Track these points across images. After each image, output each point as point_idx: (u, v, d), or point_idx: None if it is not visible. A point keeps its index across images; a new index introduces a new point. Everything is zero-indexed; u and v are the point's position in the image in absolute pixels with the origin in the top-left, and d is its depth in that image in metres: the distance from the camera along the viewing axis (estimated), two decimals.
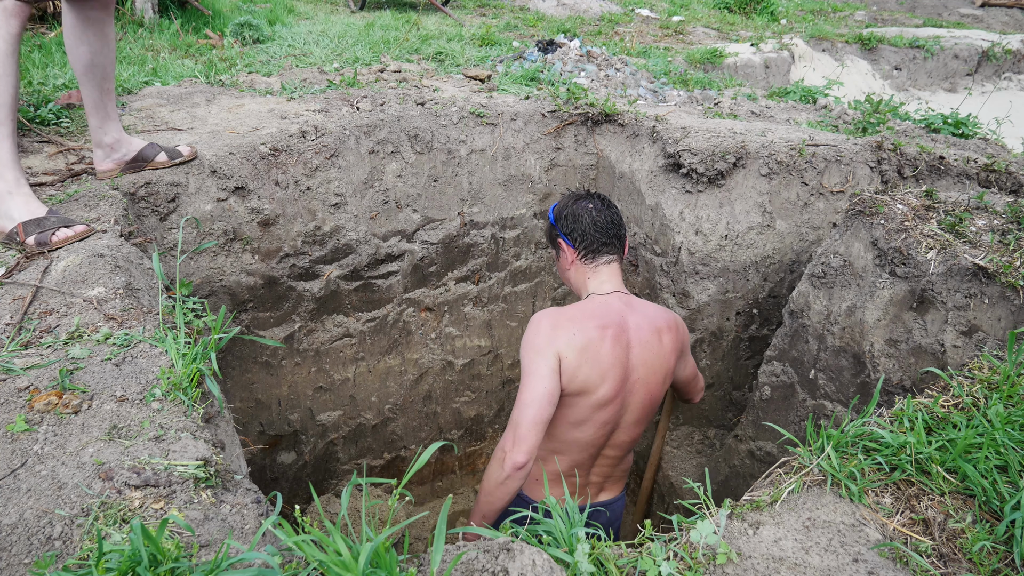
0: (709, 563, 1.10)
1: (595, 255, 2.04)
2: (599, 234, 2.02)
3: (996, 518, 1.20)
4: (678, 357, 2.11)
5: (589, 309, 1.95)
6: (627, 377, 1.95)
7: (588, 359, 1.86)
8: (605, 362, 1.88)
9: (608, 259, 2.06)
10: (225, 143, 2.57)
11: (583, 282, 2.08)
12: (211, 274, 2.52)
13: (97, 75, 2.08)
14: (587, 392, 1.89)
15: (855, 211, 2.13)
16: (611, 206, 2.08)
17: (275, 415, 3.00)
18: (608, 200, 2.10)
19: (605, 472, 2.15)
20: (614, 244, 2.06)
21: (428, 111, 2.99)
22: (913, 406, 1.41)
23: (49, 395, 1.28)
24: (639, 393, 2.00)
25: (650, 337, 1.99)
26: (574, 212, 2.04)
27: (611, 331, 1.91)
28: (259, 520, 1.10)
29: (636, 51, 5.42)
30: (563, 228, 2.06)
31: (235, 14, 5.30)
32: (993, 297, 1.75)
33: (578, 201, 2.07)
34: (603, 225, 2.03)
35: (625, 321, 1.96)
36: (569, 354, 1.85)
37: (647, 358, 1.98)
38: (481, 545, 1.01)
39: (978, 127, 3.44)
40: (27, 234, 1.83)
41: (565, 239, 2.06)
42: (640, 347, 1.97)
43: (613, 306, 1.98)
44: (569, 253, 2.06)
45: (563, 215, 2.06)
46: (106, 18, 2.02)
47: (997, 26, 10.48)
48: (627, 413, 2.02)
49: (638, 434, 2.12)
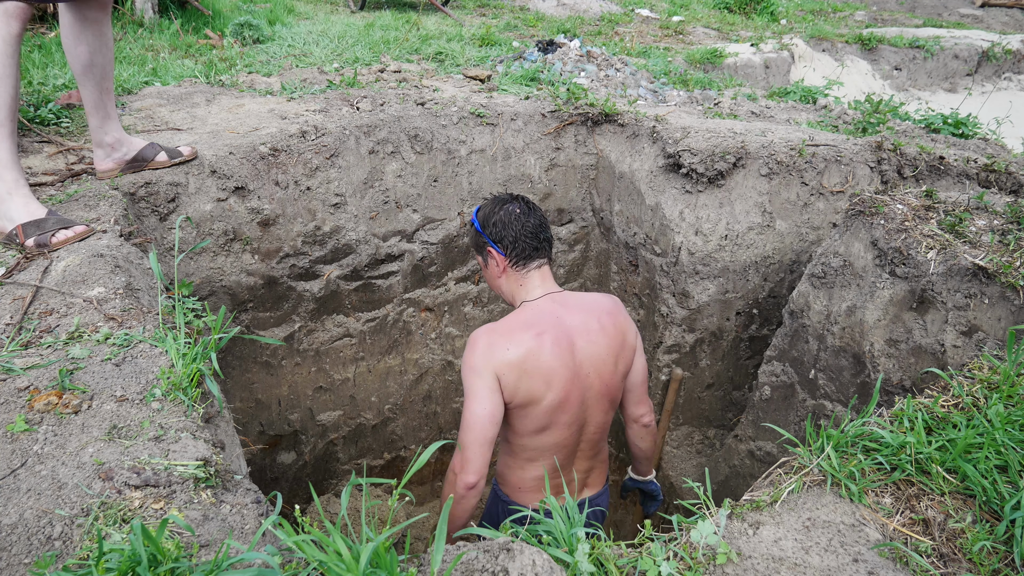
0: (709, 563, 1.10)
1: (527, 262, 2.01)
2: (530, 239, 1.99)
3: (996, 518, 1.20)
4: (628, 334, 2.09)
5: (523, 319, 1.94)
6: (576, 375, 1.94)
7: (528, 371, 1.86)
8: (547, 369, 1.87)
9: (539, 263, 2.02)
10: (225, 143, 2.57)
11: (515, 290, 2.05)
12: (211, 274, 2.52)
13: (96, 75, 2.08)
14: (535, 402, 1.89)
15: (855, 211, 2.13)
16: (536, 208, 2.05)
17: (275, 415, 3.00)
18: (532, 202, 2.06)
19: (585, 467, 2.16)
20: (544, 248, 2.03)
21: (428, 111, 2.99)
22: (913, 406, 1.41)
23: (49, 395, 1.28)
24: (595, 386, 1.99)
25: (591, 327, 1.98)
26: (502, 218, 1.99)
27: (548, 336, 1.89)
28: (259, 520, 1.10)
29: (636, 51, 5.42)
30: (492, 236, 2.00)
31: (235, 14, 5.30)
32: (993, 297, 1.75)
33: (504, 206, 2.01)
34: (533, 230, 1.99)
35: (561, 321, 1.95)
36: (507, 370, 1.85)
37: (593, 350, 1.97)
38: (481, 545, 1.01)
39: (978, 127, 3.44)
40: (27, 236, 1.83)
41: (495, 247, 2.00)
42: (583, 341, 1.96)
43: (547, 310, 1.97)
44: (500, 261, 2.01)
45: (490, 222, 2.00)
46: (103, 17, 2.02)
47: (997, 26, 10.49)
48: (589, 408, 2.02)
49: (607, 423, 2.12)
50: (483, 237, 2.01)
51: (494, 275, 2.07)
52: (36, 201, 1.92)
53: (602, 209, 3.27)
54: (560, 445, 2.00)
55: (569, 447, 2.03)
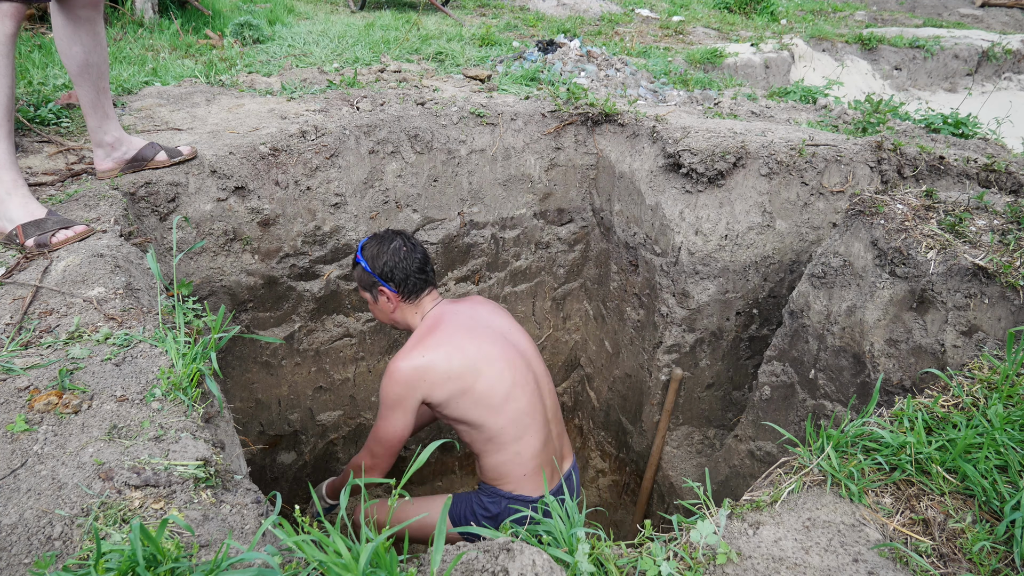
0: (709, 563, 1.10)
1: (418, 294, 2.17)
2: (418, 275, 2.14)
3: (996, 518, 1.20)
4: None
5: (431, 327, 2.10)
6: (504, 339, 2.13)
7: (468, 364, 2.00)
8: (483, 352, 2.04)
9: (428, 291, 2.20)
10: (225, 143, 2.57)
11: (410, 318, 2.21)
12: (211, 274, 2.52)
13: (92, 74, 2.08)
14: (493, 384, 2.03)
15: (855, 211, 2.13)
16: (417, 243, 2.20)
17: (275, 415, 3.00)
18: (412, 237, 2.21)
19: (558, 430, 2.31)
20: (431, 278, 2.20)
21: (428, 111, 2.99)
22: (913, 406, 1.41)
23: (49, 395, 1.28)
24: (521, 344, 2.19)
25: (494, 310, 2.26)
26: (390, 257, 2.12)
27: (462, 326, 2.08)
28: (259, 520, 1.10)
29: (636, 51, 5.42)
30: (382, 274, 2.13)
31: (235, 14, 5.30)
32: (993, 297, 1.75)
33: (389, 245, 2.14)
34: (419, 265, 2.15)
35: (466, 309, 2.17)
36: (443, 380, 1.99)
37: (506, 323, 2.22)
38: (481, 545, 1.01)
39: (978, 127, 3.44)
40: (27, 236, 1.83)
41: (386, 285, 2.14)
42: (496, 319, 2.20)
43: (447, 310, 2.16)
44: (392, 298, 2.16)
45: (379, 262, 2.13)
46: (96, 16, 2.02)
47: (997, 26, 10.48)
48: (532, 364, 2.19)
49: (549, 380, 2.32)
50: (374, 277, 2.14)
51: (386, 310, 2.21)
52: (35, 201, 1.92)
53: (602, 209, 3.27)
54: (533, 409, 2.14)
55: (537, 419, 2.16)
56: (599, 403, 3.63)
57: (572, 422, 3.98)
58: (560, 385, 3.89)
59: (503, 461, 2.11)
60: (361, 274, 2.17)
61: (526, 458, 2.11)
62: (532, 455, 2.12)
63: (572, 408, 3.96)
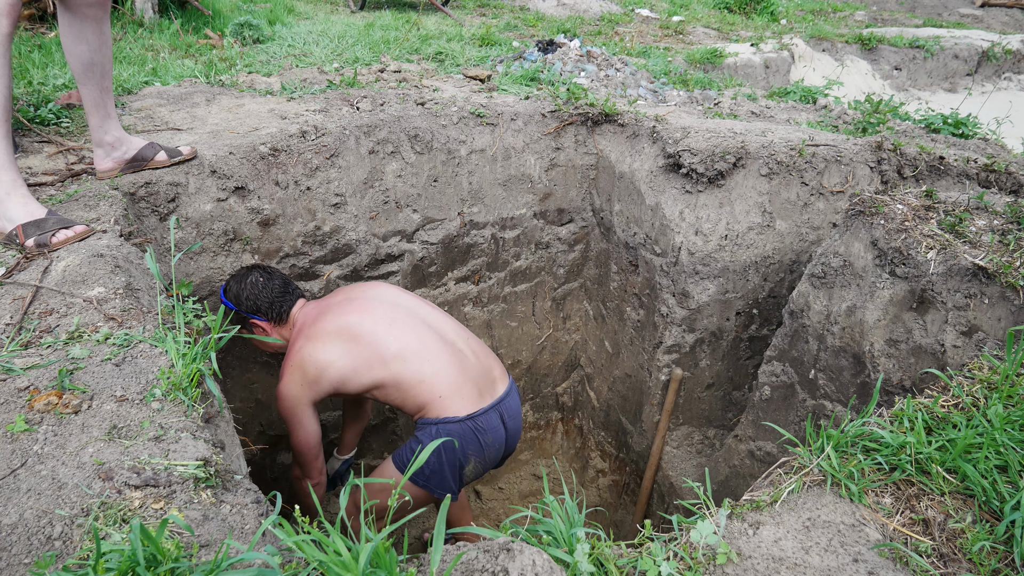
0: (709, 563, 1.10)
1: (287, 315, 2.32)
2: (280, 298, 2.30)
3: (996, 518, 1.20)
4: None
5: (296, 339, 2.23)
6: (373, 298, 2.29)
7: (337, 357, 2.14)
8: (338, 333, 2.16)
9: (294, 307, 2.34)
10: (225, 143, 2.57)
11: (285, 333, 2.36)
12: (211, 274, 2.52)
13: (96, 73, 2.08)
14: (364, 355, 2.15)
15: (855, 211, 2.13)
16: (274, 269, 2.35)
17: (275, 415, 3.00)
18: (267, 265, 2.38)
19: (475, 355, 2.36)
20: (296, 293, 2.36)
21: (428, 111, 2.99)
22: (913, 406, 1.41)
23: (49, 395, 1.28)
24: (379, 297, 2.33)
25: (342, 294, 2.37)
26: (251, 292, 2.26)
27: (317, 321, 2.21)
28: (259, 520, 1.10)
29: (636, 51, 5.42)
30: (248, 309, 2.27)
31: (235, 14, 5.30)
32: (993, 297, 1.75)
33: (246, 281, 2.27)
34: (281, 290, 2.30)
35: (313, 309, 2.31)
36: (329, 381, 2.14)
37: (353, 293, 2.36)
38: (481, 545, 1.01)
39: (978, 127, 3.44)
40: (27, 236, 1.83)
41: (258, 318, 2.29)
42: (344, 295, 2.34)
43: (303, 316, 2.31)
44: (265, 326, 2.32)
45: (242, 298, 2.26)
46: (103, 16, 2.02)
47: (997, 26, 10.48)
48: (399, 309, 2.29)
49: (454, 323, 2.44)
50: (242, 314, 2.28)
51: (262, 335, 2.36)
52: (35, 201, 1.92)
53: (602, 209, 3.27)
54: (422, 339, 2.22)
55: (431, 338, 2.25)
56: (599, 403, 3.63)
57: (572, 422, 3.98)
58: (560, 385, 3.89)
59: (417, 394, 2.19)
60: (230, 314, 2.26)
61: (436, 382, 2.18)
62: (441, 378, 2.18)
63: (572, 408, 3.96)
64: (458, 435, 2.15)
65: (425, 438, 2.15)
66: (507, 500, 3.82)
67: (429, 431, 2.15)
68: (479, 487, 3.86)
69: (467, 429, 2.17)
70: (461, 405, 2.16)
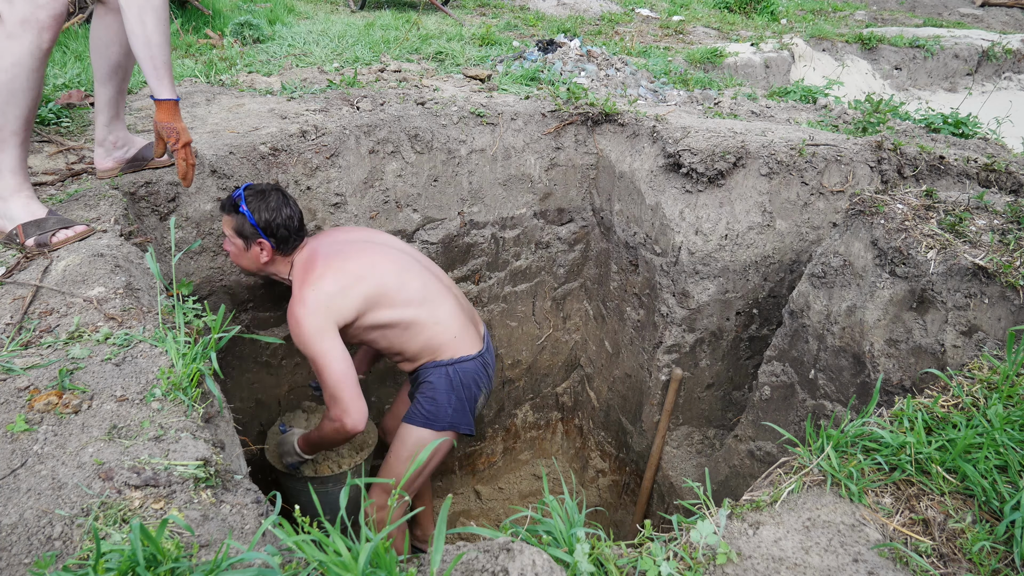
0: (709, 563, 1.10)
1: (293, 250, 2.26)
2: (296, 232, 2.23)
3: (996, 518, 1.20)
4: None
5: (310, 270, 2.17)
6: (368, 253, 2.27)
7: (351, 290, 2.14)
8: (353, 271, 2.17)
9: (300, 242, 2.28)
10: (225, 143, 2.57)
11: (280, 268, 2.30)
12: (211, 274, 2.53)
13: (119, 76, 2.13)
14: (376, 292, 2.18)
15: (855, 211, 2.13)
16: (291, 198, 2.25)
17: (275, 415, 3.00)
18: (288, 194, 2.27)
19: (463, 300, 2.47)
20: (304, 232, 2.29)
21: (428, 111, 2.99)
22: (913, 406, 1.41)
23: (49, 395, 1.28)
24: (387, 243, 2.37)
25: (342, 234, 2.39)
26: (273, 216, 2.18)
27: (331, 258, 2.19)
28: (259, 520, 1.10)
29: (636, 51, 5.42)
30: (264, 230, 2.18)
31: (235, 14, 5.29)
32: (993, 297, 1.75)
33: (269, 200, 2.18)
34: (298, 223, 2.23)
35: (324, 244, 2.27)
36: (344, 312, 2.11)
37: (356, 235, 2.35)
38: (481, 545, 1.01)
39: (978, 127, 3.44)
40: (27, 236, 1.83)
41: (266, 238, 2.19)
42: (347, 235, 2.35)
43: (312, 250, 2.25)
44: (267, 250, 2.22)
45: (261, 216, 2.17)
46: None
47: (997, 26, 10.48)
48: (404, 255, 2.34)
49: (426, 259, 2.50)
50: (256, 229, 2.18)
51: (256, 259, 2.24)
52: (37, 201, 1.93)
53: (602, 209, 3.27)
54: (428, 283, 2.30)
55: (435, 283, 2.34)
56: (599, 403, 3.63)
57: (572, 422, 3.98)
58: (560, 385, 3.89)
59: (431, 335, 2.27)
60: (243, 224, 2.18)
61: (449, 323, 2.29)
62: (452, 319, 2.31)
63: (572, 408, 3.96)
64: (473, 372, 2.33)
65: (439, 380, 2.28)
66: (507, 500, 3.83)
67: (443, 372, 2.28)
68: (479, 487, 3.86)
69: (479, 365, 2.36)
70: (471, 344, 2.35)
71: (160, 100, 1.93)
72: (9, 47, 1.70)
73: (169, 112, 1.96)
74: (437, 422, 2.31)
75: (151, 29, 1.81)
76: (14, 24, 1.69)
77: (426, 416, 2.32)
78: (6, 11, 1.69)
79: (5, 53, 1.70)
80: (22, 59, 1.72)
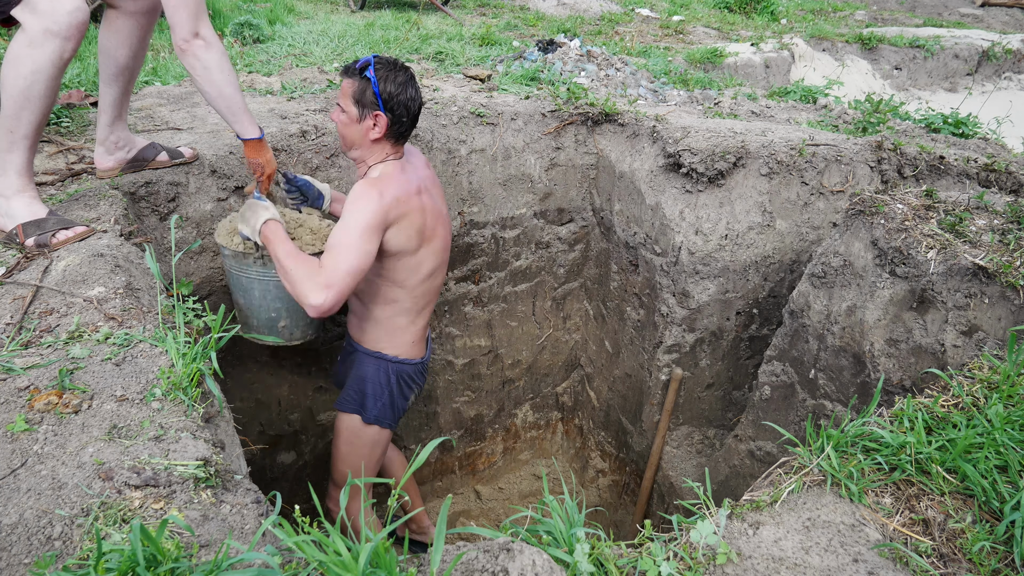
0: (709, 563, 1.10)
1: (403, 140, 2.12)
2: (414, 121, 2.10)
3: (996, 518, 1.20)
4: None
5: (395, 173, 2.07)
6: (444, 217, 2.28)
7: (423, 210, 2.10)
8: (433, 210, 2.16)
9: (405, 141, 2.16)
10: (225, 143, 2.57)
11: (376, 154, 2.11)
12: (211, 274, 2.52)
13: (126, 78, 2.14)
14: (430, 239, 2.16)
15: (855, 211, 2.13)
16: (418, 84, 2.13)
17: (275, 415, 3.00)
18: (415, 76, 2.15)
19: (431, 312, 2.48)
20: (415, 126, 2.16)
21: (428, 111, 2.99)
22: (913, 406, 1.41)
23: (49, 395, 1.28)
24: (445, 226, 2.30)
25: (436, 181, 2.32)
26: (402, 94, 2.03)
27: (421, 185, 2.14)
28: (259, 520, 1.10)
29: (636, 51, 5.42)
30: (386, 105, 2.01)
31: (235, 14, 5.29)
32: (993, 297, 1.75)
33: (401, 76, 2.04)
34: (417, 111, 2.10)
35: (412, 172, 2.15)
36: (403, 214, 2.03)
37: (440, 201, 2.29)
38: (481, 545, 1.01)
39: (978, 127, 3.44)
40: (27, 235, 1.83)
41: (386, 113, 2.02)
42: (436, 191, 2.27)
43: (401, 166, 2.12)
44: (382, 128, 2.04)
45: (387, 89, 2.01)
46: (150, 24, 2.09)
47: (997, 26, 10.48)
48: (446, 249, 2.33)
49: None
50: (376, 98, 2.00)
51: (365, 134, 2.06)
52: (40, 202, 1.93)
53: (602, 209, 3.27)
54: (437, 289, 2.32)
55: (438, 291, 2.35)
56: (599, 403, 3.63)
57: (572, 422, 3.98)
58: (560, 385, 3.89)
59: (404, 330, 2.29)
60: (364, 90, 2.01)
61: (420, 330, 2.34)
62: (424, 326, 2.36)
63: (572, 408, 3.96)
64: (411, 374, 2.38)
65: (376, 375, 2.31)
66: (507, 500, 3.82)
67: (383, 368, 2.32)
68: (479, 487, 3.86)
69: (420, 370, 2.43)
70: (420, 350, 2.39)
71: (246, 140, 2.03)
72: (31, 54, 1.71)
73: (254, 149, 2.05)
74: (365, 413, 2.34)
75: (220, 83, 1.90)
76: (37, 33, 1.69)
77: (356, 404, 2.35)
78: (29, 20, 1.69)
79: (27, 60, 1.71)
80: (43, 67, 1.72)
